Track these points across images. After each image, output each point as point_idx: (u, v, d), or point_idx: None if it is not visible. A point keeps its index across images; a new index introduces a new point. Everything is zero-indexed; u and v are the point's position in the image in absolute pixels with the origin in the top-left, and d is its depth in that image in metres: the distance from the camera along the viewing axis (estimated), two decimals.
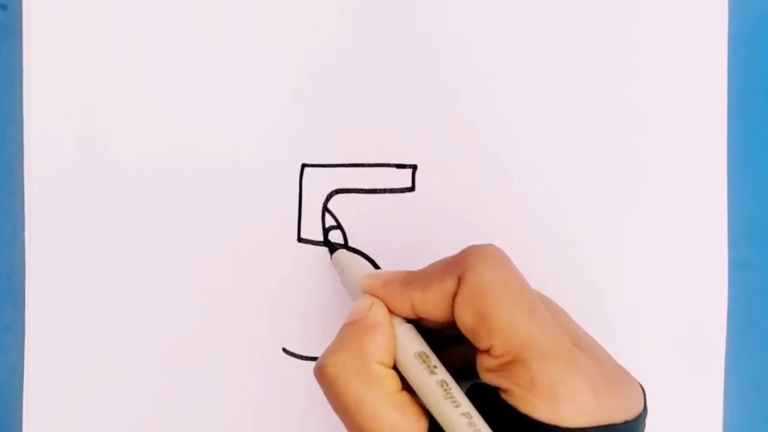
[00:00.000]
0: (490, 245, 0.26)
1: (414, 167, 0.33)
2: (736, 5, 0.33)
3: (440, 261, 0.26)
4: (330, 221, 0.33)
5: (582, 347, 0.25)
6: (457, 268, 0.25)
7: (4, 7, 0.34)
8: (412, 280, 0.26)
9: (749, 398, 0.33)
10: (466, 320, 0.24)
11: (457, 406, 0.24)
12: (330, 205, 0.33)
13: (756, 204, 0.34)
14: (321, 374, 0.25)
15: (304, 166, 0.33)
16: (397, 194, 0.33)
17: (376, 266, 0.33)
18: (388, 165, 0.33)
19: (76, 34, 0.33)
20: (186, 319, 0.33)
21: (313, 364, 0.32)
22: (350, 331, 0.26)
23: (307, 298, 0.33)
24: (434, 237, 0.33)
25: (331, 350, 0.26)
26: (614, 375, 0.25)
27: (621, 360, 0.26)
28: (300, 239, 0.33)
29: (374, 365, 0.25)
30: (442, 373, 0.25)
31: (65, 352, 0.33)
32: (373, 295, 0.27)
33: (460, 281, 0.25)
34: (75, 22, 0.33)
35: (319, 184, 0.33)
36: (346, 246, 0.33)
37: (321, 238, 0.33)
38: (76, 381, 0.33)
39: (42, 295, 0.33)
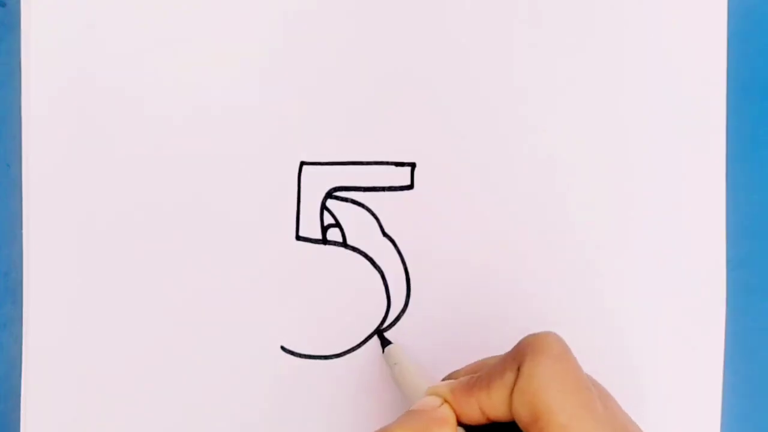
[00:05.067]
0: (549, 334, 0.25)
1: (413, 165, 0.33)
2: (735, 4, 0.33)
3: (500, 356, 0.26)
4: (328, 219, 0.33)
5: None
6: (515, 360, 0.24)
7: (2, 4, 0.34)
8: (476, 382, 0.26)
9: (747, 396, 0.33)
10: (522, 415, 0.24)
11: None
12: (328, 203, 0.33)
13: (754, 202, 0.34)
14: None
15: (302, 163, 0.33)
16: (396, 192, 0.33)
17: (376, 266, 0.33)
18: (387, 163, 0.33)
19: (74, 30, 0.33)
20: (184, 317, 0.33)
21: (311, 362, 0.33)
22: (418, 418, 0.25)
23: (305, 296, 0.33)
24: (433, 235, 0.33)
25: (398, 426, 0.25)
26: None
27: (619, 357, 0.26)
28: (298, 237, 0.33)
29: None
30: None
31: (63, 349, 0.33)
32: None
33: (518, 372, 0.24)
34: (73, 18, 0.33)
35: (317, 182, 0.33)
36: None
37: (319, 236, 0.33)
38: (75, 378, 0.33)
39: (40, 292, 0.33)
